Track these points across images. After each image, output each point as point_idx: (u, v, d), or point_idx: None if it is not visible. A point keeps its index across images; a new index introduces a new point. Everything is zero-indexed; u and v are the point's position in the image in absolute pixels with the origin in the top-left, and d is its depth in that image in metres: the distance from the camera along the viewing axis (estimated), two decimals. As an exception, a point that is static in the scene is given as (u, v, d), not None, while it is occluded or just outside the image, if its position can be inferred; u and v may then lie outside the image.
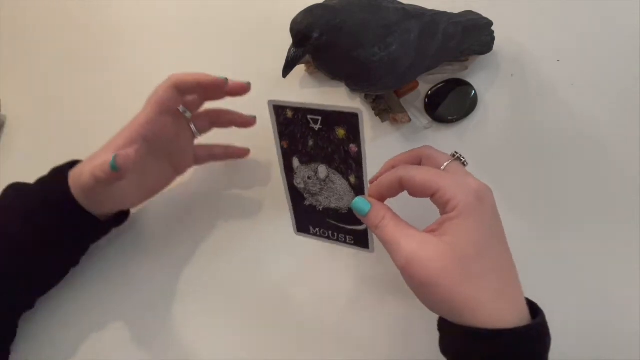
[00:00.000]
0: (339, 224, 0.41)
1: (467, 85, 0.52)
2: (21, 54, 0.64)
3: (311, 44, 0.41)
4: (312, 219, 0.42)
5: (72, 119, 0.60)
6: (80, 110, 0.60)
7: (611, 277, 0.47)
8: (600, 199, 0.49)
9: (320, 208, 0.41)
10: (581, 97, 0.51)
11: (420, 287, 0.35)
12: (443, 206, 0.36)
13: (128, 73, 0.61)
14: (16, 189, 0.48)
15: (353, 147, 0.36)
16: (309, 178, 0.40)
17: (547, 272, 0.48)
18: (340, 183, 0.39)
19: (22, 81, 0.63)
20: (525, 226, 0.49)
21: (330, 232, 0.42)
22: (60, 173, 0.48)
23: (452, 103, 0.52)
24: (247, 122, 0.52)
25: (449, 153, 0.41)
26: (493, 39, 0.51)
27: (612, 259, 0.47)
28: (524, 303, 0.36)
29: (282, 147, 0.39)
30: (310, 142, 0.38)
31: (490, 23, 0.50)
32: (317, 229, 0.43)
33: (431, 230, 0.36)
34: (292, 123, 0.38)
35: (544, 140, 0.51)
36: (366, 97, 0.53)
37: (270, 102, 0.37)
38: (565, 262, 0.48)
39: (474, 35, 0.49)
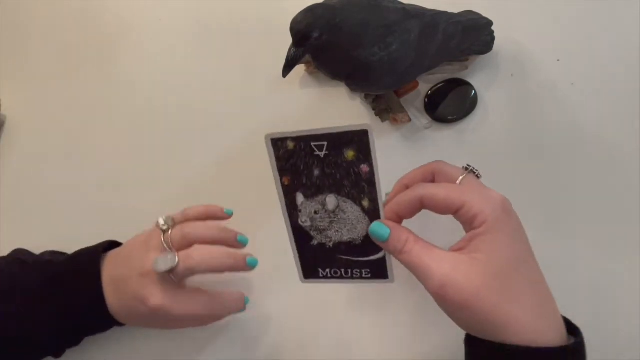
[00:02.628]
0: (352, 258, 0.37)
1: (467, 85, 0.52)
2: (21, 54, 0.64)
3: (311, 43, 0.41)
4: (320, 260, 0.38)
5: (72, 119, 0.60)
6: (80, 111, 0.60)
7: (612, 277, 0.47)
8: (600, 199, 0.49)
9: (331, 245, 0.37)
10: (581, 97, 0.51)
11: (458, 311, 0.33)
12: (470, 222, 0.34)
13: (128, 73, 0.61)
14: (44, 274, 0.46)
15: (364, 168, 0.34)
16: (315, 213, 0.36)
17: (547, 272, 0.48)
18: (352, 211, 0.36)
19: (22, 81, 0.63)
20: (525, 226, 0.49)
21: (343, 271, 0.38)
22: (94, 269, 0.45)
23: (452, 103, 0.52)
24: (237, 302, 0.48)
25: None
26: (493, 39, 0.51)
27: (613, 259, 0.47)
28: (562, 320, 0.35)
29: (283, 185, 0.36)
30: (316, 172, 0.35)
31: (490, 23, 0.50)
32: (328, 270, 0.38)
33: (459, 249, 0.35)
34: (294, 155, 0.35)
35: (544, 140, 0.51)
36: (366, 97, 0.53)
37: (267, 136, 0.34)
38: (565, 262, 0.48)
39: (474, 35, 0.49)
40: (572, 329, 0.35)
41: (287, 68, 0.43)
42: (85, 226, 0.56)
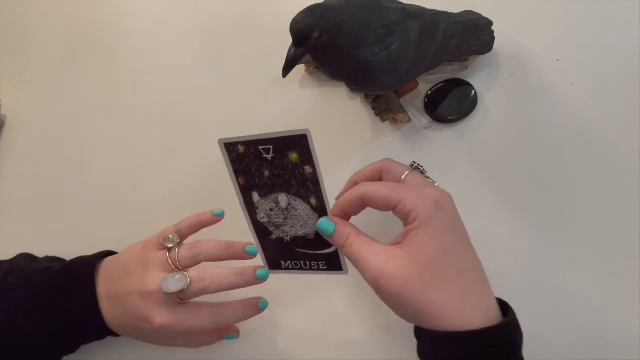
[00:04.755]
0: (308, 251, 0.41)
1: (467, 85, 0.52)
2: (21, 54, 0.64)
3: (311, 43, 0.41)
4: (281, 252, 0.41)
5: (72, 119, 0.60)
6: (80, 111, 0.60)
7: (612, 276, 0.47)
8: (600, 199, 0.49)
9: (288, 239, 0.40)
10: (581, 97, 0.51)
11: (390, 300, 0.36)
12: (405, 218, 0.37)
13: (128, 73, 0.61)
14: (40, 276, 0.46)
15: (308, 169, 0.36)
16: (271, 210, 0.39)
17: (547, 271, 0.48)
18: (302, 208, 0.39)
19: (22, 81, 0.63)
20: (524, 226, 0.49)
21: (302, 262, 0.41)
22: (90, 279, 0.45)
23: (452, 103, 0.52)
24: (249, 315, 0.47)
25: (411, 161, 0.42)
26: (493, 39, 0.51)
27: (613, 258, 0.47)
28: (494, 303, 0.37)
29: (239, 184, 0.39)
30: (267, 173, 0.38)
31: (490, 23, 0.50)
32: (289, 262, 0.42)
33: (396, 243, 0.37)
34: (245, 158, 0.38)
35: (544, 140, 0.51)
36: (366, 97, 0.53)
37: (220, 141, 0.38)
38: (565, 261, 0.48)
39: (474, 35, 0.49)
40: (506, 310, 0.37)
41: (287, 68, 0.43)
42: (85, 226, 0.56)
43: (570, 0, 0.53)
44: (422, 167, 0.42)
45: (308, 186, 0.37)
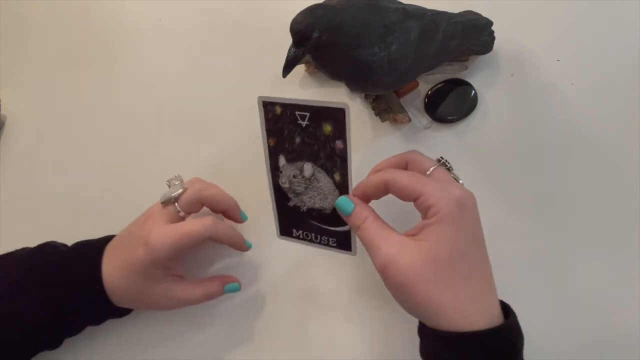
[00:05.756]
0: (322, 226, 0.41)
1: (467, 85, 0.52)
2: (21, 54, 0.64)
3: (311, 43, 0.41)
4: (295, 221, 0.42)
5: (72, 119, 0.60)
6: (80, 111, 0.60)
7: (612, 276, 0.47)
8: (600, 199, 0.49)
9: (304, 209, 0.41)
10: (581, 97, 0.51)
11: (396, 288, 0.36)
12: (424, 211, 0.37)
13: (128, 73, 0.61)
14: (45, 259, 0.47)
15: (339, 144, 0.36)
16: (294, 177, 0.40)
17: (547, 271, 0.48)
18: (325, 181, 0.39)
19: (22, 81, 0.63)
20: (525, 226, 0.49)
21: (313, 235, 0.42)
22: (95, 258, 0.46)
23: (452, 103, 0.52)
24: (239, 243, 0.49)
25: (440, 155, 0.42)
26: (493, 39, 0.51)
27: (613, 258, 0.47)
28: (497, 306, 0.36)
29: (269, 145, 0.40)
30: (297, 139, 0.38)
31: (490, 23, 0.50)
32: (300, 232, 0.42)
33: (411, 234, 0.37)
34: (280, 120, 0.38)
35: (544, 140, 0.51)
36: (366, 97, 0.53)
37: (259, 98, 0.38)
38: (565, 262, 0.48)
39: (474, 35, 0.49)
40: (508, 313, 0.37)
41: (287, 68, 0.43)
42: (85, 226, 0.55)
43: (570, 0, 0.53)
44: (449, 163, 0.41)
45: (335, 161, 0.37)
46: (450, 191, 0.37)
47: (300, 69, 0.56)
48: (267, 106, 0.38)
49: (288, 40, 0.42)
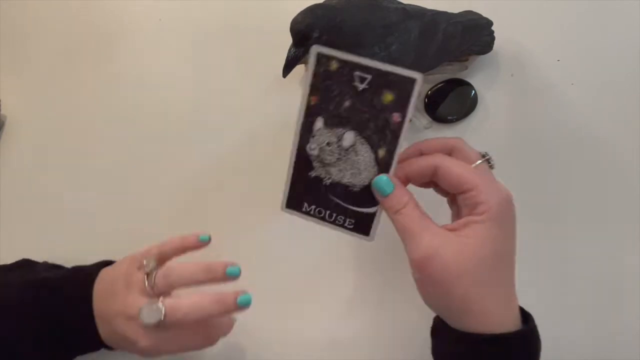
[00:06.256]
0: (342, 203, 0.36)
1: (467, 85, 0.52)
2: (21, 54, 0.64)
3: (311, 43, 0.41)
4: (310, 194, 0.37)
5: (72, 119, 0.60)
6: (80, 111, 0.60)
7: (611, 275, 0.47)
8: (600, 199, 0.49)
9: (328, 182, 0.36)
10: (581, 97, 0.51)
11: (434, 284, 0.34)
12: (472, 207, 0.34)
13: (128, 73, 0.61)
14: (36, 291, 0.44)
15: (396, 117, 0.33)
16: (327, 144, 0.35)
17: (547, 271, 0.48)
18: (365, 156, 0.34)
19: (22, 81, 0.63)
20: (524, 226, 0.49)
21: (328, 213, 0.37)
22: (86, 292, 0.43)
23: (452, 103, 0.52)
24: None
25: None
26: (493, 39, 0.51)
27: (613, 258, 0.47)
28: (518, 309, 0.36)
29: (308, 103, 0.34)
30: (347, 103, 0.33)
31: (490, 23, 0.50)
32: (313, 207, 0.37)
33: (452, 229, 0.35)
34: (332, 77, 0.33)
35: (544, 140, 0.51)
36: (366, 97, 0.53)
37: (314, 47, 0.33)
38: (565, 262, 0.48)
39: (474, 35, 0.49)
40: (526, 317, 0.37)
41: (287, 68, 0.43)
42: (85, 226, 0.56)
43: (570, 0, 0.53)
44: (492, 161, 0.38)
45: (385, 135, 0.33)
46: (501, 190, 0.35)
47: (300, 69, 0.56)
48: (322, 59, 0.33)
49: (288, 40, 0.42)
